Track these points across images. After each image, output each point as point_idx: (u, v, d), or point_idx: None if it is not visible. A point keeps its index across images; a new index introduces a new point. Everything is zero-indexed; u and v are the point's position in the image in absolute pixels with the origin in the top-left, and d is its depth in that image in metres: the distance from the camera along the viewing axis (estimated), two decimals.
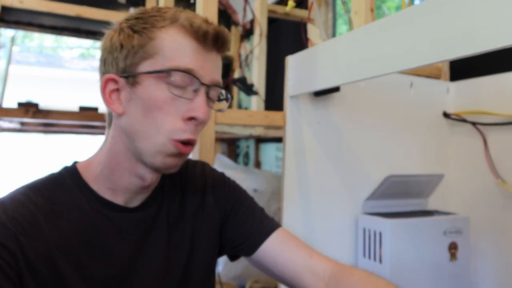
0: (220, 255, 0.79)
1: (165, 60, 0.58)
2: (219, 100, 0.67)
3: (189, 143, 0.61)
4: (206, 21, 0.61)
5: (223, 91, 0.67)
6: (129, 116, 0.60)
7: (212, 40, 0.60)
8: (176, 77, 0.58)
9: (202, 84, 0.60)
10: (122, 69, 0.60)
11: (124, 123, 0.61)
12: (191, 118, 0.59)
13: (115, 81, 0.61)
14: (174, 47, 0.59)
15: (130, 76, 0.60)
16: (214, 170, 0.81)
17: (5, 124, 1.85)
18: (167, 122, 0.58)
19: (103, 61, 0.63)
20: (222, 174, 0.82)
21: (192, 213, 0.74)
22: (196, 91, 0.59)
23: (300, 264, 0.71)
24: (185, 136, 0.59)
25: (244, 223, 0.76)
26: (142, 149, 0.60)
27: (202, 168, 0.80)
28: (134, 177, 0.63)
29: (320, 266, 0.70)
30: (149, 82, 0.59)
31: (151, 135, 0.59)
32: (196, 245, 0.73)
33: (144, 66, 0.59)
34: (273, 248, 0.73)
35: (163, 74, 0.58)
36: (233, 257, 0.82)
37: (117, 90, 0.61)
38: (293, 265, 0.71)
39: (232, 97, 0.69)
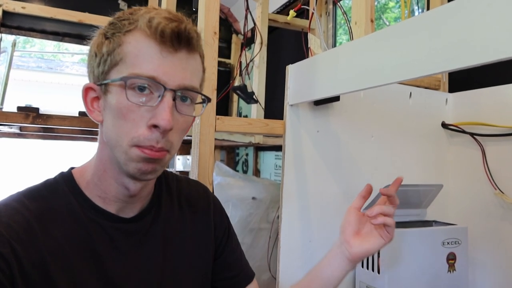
0: None
1: (127, 67, 0.56)
2: (199, 103, 0.64)
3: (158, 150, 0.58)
4: (168, 18, 0.56)
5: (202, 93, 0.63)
6: (105, 124, 0.60)
7: (172, 39, 0.56)
8: (138, 85, 0.56)
9: (167, 89, 0.56)
10: (96, 78, 0.60)
11: (103, 131, 0.61)
12: (155, 126, 0.56)
13: (94, 90, 0.61)
14: (135, 52, 0.56)
15: (103, 84, 0.59)
16: (215, 197, 0.82)
17: (4, 129, 1.85)
18: (132, 130, 0.56)
19: (87, 70, 0.62)
20: (220, 202, 0.83)
21: (193, 232, 0.73)
22: (160, 97, 0.56)
23: None
24: (148, 143, 0.56)
25: (232, 260, 0.79)
26: (117, 158, 0.59)
27: (206, 190, 0.81)
28: (120, 186, 0.62)
29: None
30: (116, 90, 0.57)
31: (119, 143, 0.57)
32: (194, 265, 0.72)
33: (113, 74, 0.57)
34: None
35: (129, 83, 0.55)
36: None
37: (97, 98, 0.61)
38: None
39: (209, 99, 0.64)
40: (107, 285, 0.61)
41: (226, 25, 3.09)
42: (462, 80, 1.29)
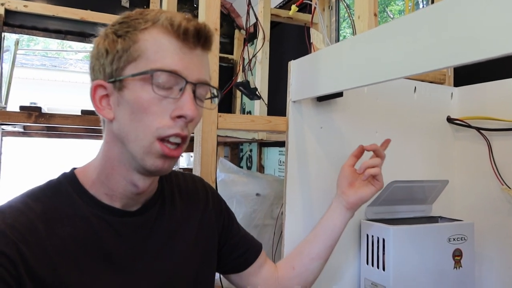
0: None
1: (148, 62, 0.58)
2: (209, 98, 0.68)
3: (177, 144, 0.60)
4: (186, 18, 0.60)
5: (213, 89, 0.66)
6: (119, 120, 0.61)
7: (193, 37, 0.60)
8: (161, 78, 0.58)
9: (188, 82, 0.59)
10: (109, 75, 0.61)
11: (115, 129, 0.61)
12: (180, 116, 0.59)
13: (104, 87, 0.61)
14: (156, 48, 0.58)
15: (117, 81, 0.60)
16: (211, 186, 0.86)
17: (8, 128, 1.86)
18: (155, 122, 0.58)
19: (92, 68, 0.63)
20: (215, 190, 0.88)
21: (195, 223, 0.75)
22: (182, 90, 0.59)
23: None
24: (172, 131, 0.59)
25: (238, 240, 0.83)
26: (132, 152, 0.60)
27: (202, 182, 0.84)
28: (129, 183, 0.63)
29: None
30: (135, 85, 0.59)
31: (139, 137, 0.59)
32: (198, 255, 0.74)
33: (129, 70, 0.59)
34: (261, 264, 0.85)
35: (148, 76, 0.58)
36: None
37: (107, 95, 0.62)
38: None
39: (220, 94, 0.70)
40: (116, 280, 0.62)
41: (229, 21, 3.07)
42: (468, 74, 1.27)
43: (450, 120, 1.21)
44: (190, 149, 2.58)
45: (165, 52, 0.58)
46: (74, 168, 0.67)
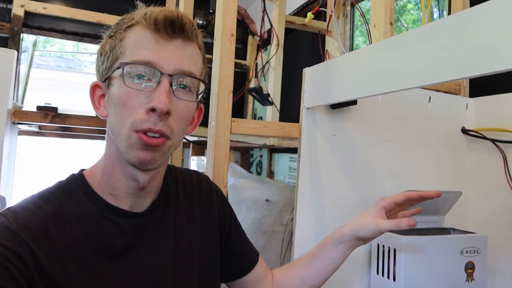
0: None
1: (125, 57, 0.59)
2: (201, 92, 0.66)
3: (155, 136, 0.59)
4: (163, 10, 0.60)
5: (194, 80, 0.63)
6: (109, 117, 0.63)
7: (166, 26, 0.59)
8: (134, 71, 0.59)
9: (163, 74, 0.58)
10: (101, 74, 0.63)
11: (108, 126, 0.63)
12: (152, 109, 0.58)
13: (100, 87, 0.65)
14: (134, 42, 0.60)
15: (106, 79, 0.62)
16: (217, 185, 0.85)
17: (23, 127, 1.89)
18: (130, 116, 0.58)
19: (96, 70, 0.66)
20: (221, 190, 0.86)
21: (199, 222, 0.75)
22: (158, 82, 0.58)
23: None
24: (145, 126, 0.58)
25: (238, 246, 0.82)
26: (119, 147, 0.61)
27: (208, 181, 0.83)
28: (129, 179, 0.64)
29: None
30: (117, 81, 0.60)
31: (120, 131, 0.60)
32: (203, 255, 0.74)
33: (115, 67, 0.61)
34: (260, 272, 0.82)
35: (127, 70, 0.59)
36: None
37: (103, 95, 0.65)
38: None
39: (205, 82, 0.67)
40: (123, 280, 0.63)
41: (243, 26, 3.09)
42: (483, 84, 1.26)
43: (464, 131, 1.20)
44: (201, 153, 2.58)
45: (140, 45, 0.59)
46: (83, 169, 0.68)
